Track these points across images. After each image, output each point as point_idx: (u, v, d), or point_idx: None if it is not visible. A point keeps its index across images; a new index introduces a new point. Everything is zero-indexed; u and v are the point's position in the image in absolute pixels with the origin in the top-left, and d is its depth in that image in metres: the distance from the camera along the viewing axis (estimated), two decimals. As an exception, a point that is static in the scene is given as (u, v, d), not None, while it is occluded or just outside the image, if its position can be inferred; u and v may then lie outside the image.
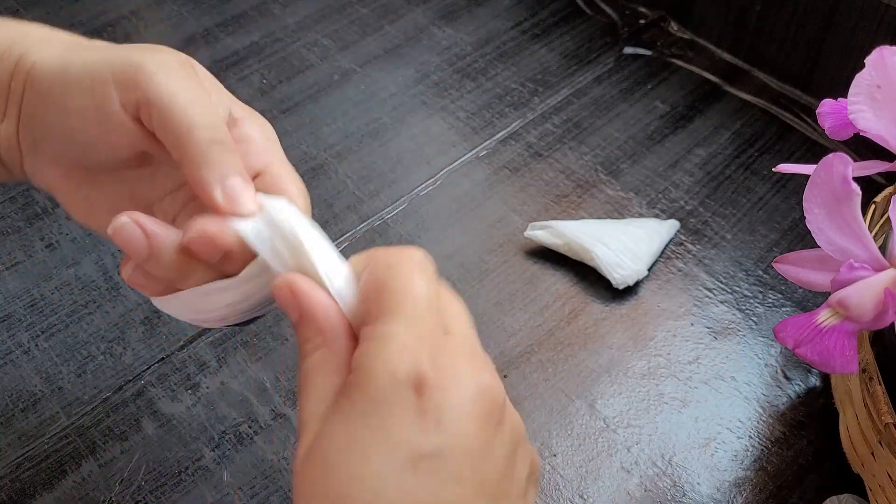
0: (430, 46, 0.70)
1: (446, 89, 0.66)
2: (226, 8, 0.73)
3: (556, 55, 0.69)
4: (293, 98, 0.66)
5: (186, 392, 0.49)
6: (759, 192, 0.59)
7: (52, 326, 0.52)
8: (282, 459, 0.46)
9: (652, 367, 0.50)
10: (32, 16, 0.72)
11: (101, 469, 0.46)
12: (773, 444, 0.47)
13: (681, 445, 0.47)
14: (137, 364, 0.50)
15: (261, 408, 0.48)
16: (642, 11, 0.72)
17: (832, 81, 0.62)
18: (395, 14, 0.73)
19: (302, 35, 0.71)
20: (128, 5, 0.73)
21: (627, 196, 0.59)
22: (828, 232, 0.37)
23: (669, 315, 0.52)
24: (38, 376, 0.50)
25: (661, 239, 0.55)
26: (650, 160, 0.61)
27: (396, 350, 0.27)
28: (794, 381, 0.49)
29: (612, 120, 0.64)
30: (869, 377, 0.39)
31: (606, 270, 0.53)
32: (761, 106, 0.65)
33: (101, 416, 0.48)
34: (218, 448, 0.47)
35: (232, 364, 0.50)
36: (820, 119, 0.42)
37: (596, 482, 0.45)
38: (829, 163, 0.36)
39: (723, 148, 0.62)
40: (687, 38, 0.70)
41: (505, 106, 0.65)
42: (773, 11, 0.63)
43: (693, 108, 0.65)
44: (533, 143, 0.62)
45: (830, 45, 0.61)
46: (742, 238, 0.56)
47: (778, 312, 0.52)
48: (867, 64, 0.39)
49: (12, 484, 0.45)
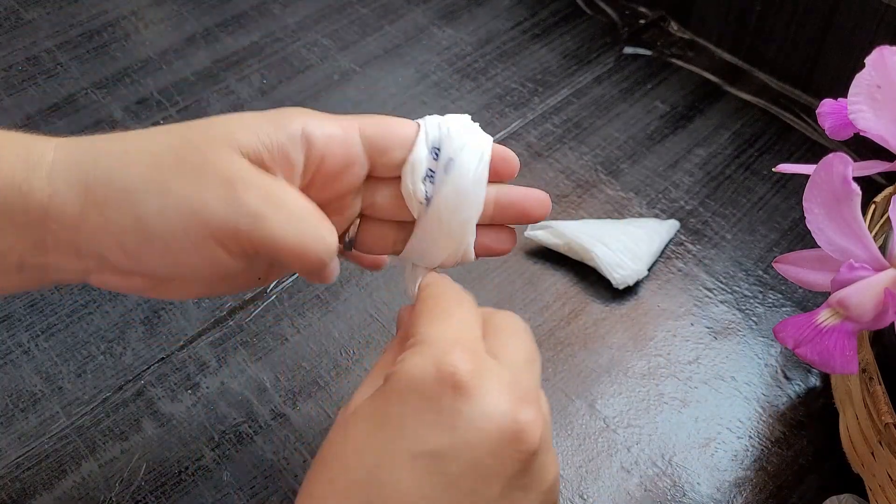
0: (430, 46, 0.70)
1: (446, 89, 0.66)
2: (226, 8, 0.73)
3: (556, 55, 0.69)
4: (293, 98, 0.66)
5: (186, 392, 0.49)
6: (759, 192, 0.59)
7: (52, 326, 0.52)
8: (282, 459, 0.46)
9: (652, 367, 0.50)
10: (32, 15, 0.72)
11: (101, 469, 0.46)
12: (773, 444, 0.47)
13: (681, 445, 0.47)
14: (137, 364, 0.50)
15: (261, 408, 0.48)
16: (642, 11, 0.72)
17: (832, 81, 0.62)
18: (395, 14, 0.73)
19: (302, 35, 0.71)
20: (128, 5, 0.73)
21: (627, 196, 0.59)
22: (828, 232, 0.37)
23: (669, 315, 0.52)
24: (38, 376, 0.50)
25: (661, 239, 0.55)
26: (650, 160, 0.61)
27: (436, 349, 0.28)
28: (794, 381, 0.49)
29: (612, 120, 0.64)
30: (869, 377, 0.39)
31: (606, 270, 0.53)
32: (761, 106, 0.65)
33: (101, 416, 0.48)
34: (218, 448, 0.47)
35: (232, 364, 0.50)
36: (820, 119, 0.42)
37: (596, 482, 0.45)
38: (829, 163, 0.36)
39: (723, 148, 0.62)
40: (687, 38, 0.70)
41: (505, 106, 0.65)
42: (773, 11, 0.63)
43: (693, 108, 0.65)
44: (533, 143, 0.62)
45: (830, 45, 0.61)
46: (742, 238, 0.56)
47: (778, 312, 0.52)
48: (867, 64, 0.38)
49: (12, 484, 0.45)
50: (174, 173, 0.29)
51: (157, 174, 0.30)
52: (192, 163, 0.29)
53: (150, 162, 0.30)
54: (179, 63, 0.68)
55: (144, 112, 0.65)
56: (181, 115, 0.64)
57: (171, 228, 0.29)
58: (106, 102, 0.65)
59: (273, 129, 0.31)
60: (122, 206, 0.30)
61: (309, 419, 0.48)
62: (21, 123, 0.64)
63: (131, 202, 0.29)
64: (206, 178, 0.29)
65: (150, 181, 0.29)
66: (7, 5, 0.73)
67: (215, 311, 0.52)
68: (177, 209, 0.29)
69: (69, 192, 0.30)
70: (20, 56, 0.69)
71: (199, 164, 0.29)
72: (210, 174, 0.29)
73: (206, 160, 0.29)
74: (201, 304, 0.53)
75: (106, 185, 0.30)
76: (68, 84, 0.67)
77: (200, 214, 0.29)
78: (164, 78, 0.67)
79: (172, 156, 0.30)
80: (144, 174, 0.30)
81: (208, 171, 0.29)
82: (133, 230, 0.30)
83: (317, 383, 0.49)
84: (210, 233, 0.29)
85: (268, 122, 0.32)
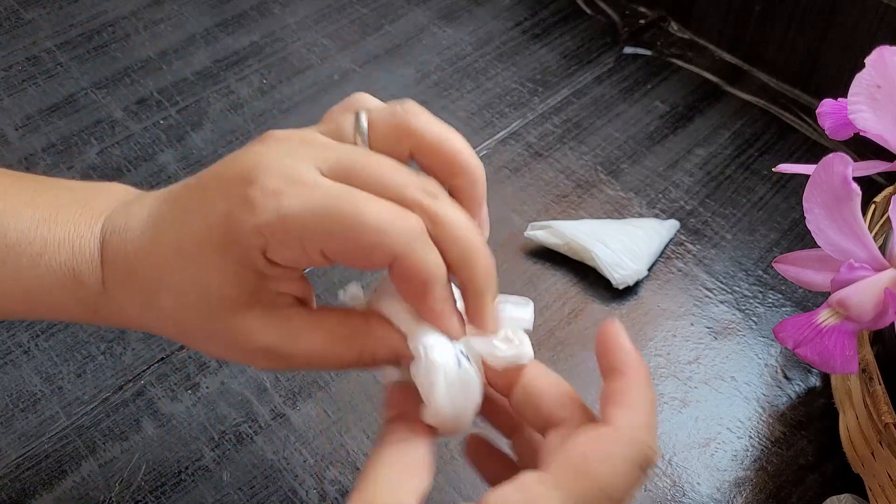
0: (430, 46, 0.70)
1: (446, 89, 0.66)
2: (226, 8, 0.73)
3: (556, 55, 0.69)
4: (293, 98, 0.66)
5: (186, 392, 0.49)
6: (759, 192, 0.59)
7: (52, 326, 0.52)
8: (282, 459, 0.46)
9: (652, 367, 0.50)
10: (32, 15, 0.72)
11: (101, 469, 0.46)
12: (773, 444, 0.47)
13: (681, 445, 0.47)
14: (137, 364, 0.50)
15: (261, 408, 0.48)
16: (642, 11, 0.72)
17: (832, 81, 0.62)
18: (395, 14, 0.73)
19: (302, 35, 0.71)
20: (128, 5, 0.73)
21: (627, 196, 0.59)
22: (828, 232, 0.37)
23: (669, 315, 0.52)
24: (38, 376, 0.50)
25: (661, 239, 0.55)
26: (650, 160, 0.61)
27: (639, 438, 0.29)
28: (794, 381, 0.49)
29: (612, 120, 0.64)
30: (869, 377, 0.39)
31: (606, 270, 0.53)
32: (761, 106, 0.65)
33: (101, 416, 0.48)
34: (218, 448, 0.47)
35: (232, 364, 0.50)
36: (820, 119, 0.42)
37: (596, 482, 0.45)
38: (829, 163, 0.36)
39: (723, 148, 0.62)
40: (687, 38, 0.70)
41: (505, 106, 0.65)
42: (773, 11, 0.63)
43: (693, 108, 0.65)
44: (533, 143, 0.62)
45: (830, 45, 0.61)
46: (742, 238, 0.56)
47: (778, 312, 0.52)
48: (867, 64, 0.38)
49: (12, 484, 0.45)
50: (198, 336, 0.32)
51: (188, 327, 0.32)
52: (205, 330, 0.31)
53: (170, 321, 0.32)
54: (179, 63, 0.68)
55: (144, 112, 0.65)
56: (181, 115, 0.64)
57: (208, 349, 0.33)
58: (106, 102, 0.65)
59: (238, 254, 0.30)
60: (161, 326, 0.33)
61: (309, 419, 0.48)
62: (21, 123, 0.64)
63: (168, 324, 0.32)
64: (223, 345, 0.32)
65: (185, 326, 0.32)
66: (7, 5, 0.73)
67: (215, 311, 0.52)
68: (224, 347, 0.32)
69: (120, 293, 0.33)
70: (20, 56, 0.69)
71: (211, 332, 0.31)
72: (225, 343, 0.32)
73: (213, 331, 0.31)
74: (201, 304, 0.53)
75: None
76: (68, 84, 0.67)
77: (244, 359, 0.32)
78: (164, 78, 0.67)
79: (188, 322, 0.32)
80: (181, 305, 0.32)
81: (221, 340, 0.31)
82: (173, 335, 0.33)
83: (317, 383, 0.49)
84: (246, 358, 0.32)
85: (230, 249, 0.31)
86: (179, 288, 0.30)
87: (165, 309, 0.31)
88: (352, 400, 0.49)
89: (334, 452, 0.46)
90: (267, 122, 0.64)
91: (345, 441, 0.47)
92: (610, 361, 0.31)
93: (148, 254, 0.31)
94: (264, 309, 0.31)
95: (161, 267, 0.31)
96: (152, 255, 0.31)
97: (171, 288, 0.31)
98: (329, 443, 0.47)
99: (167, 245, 0.30)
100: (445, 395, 0.30)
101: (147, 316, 0.32)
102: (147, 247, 0.31)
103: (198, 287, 0.30)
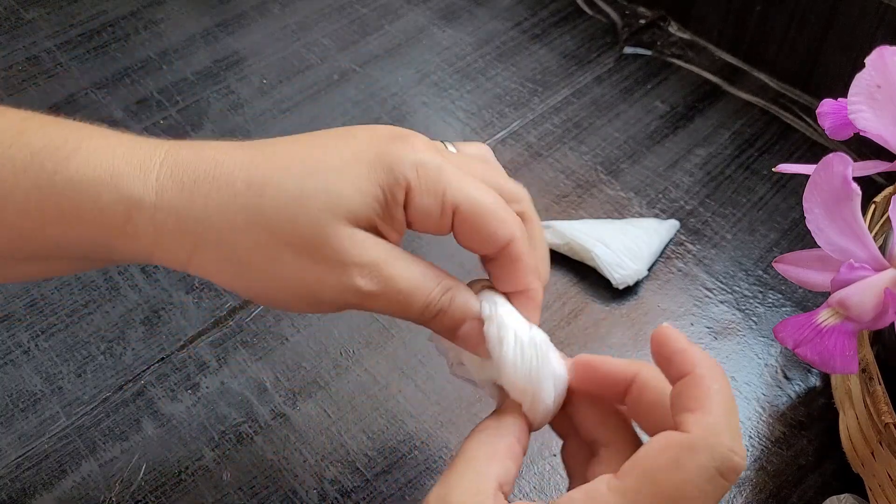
0: (430, 46, 0.70)
1: (446, 89, 0.66)
2: (226, 8, 0.73)
3: (555, 55, 0.69)
4: (293, 98, 0.66)
5: (186, 392, 0.49)
6: (759, 192, 0.59)
7: (51, 326, 0.52)
8: (282, 459, 0.46)
9: (652, 367, 0.50)
10: (32, 15, 0.72)
11: (101, 469, 0.46)
12: (773, 444, 0.47)
13: (681, 445, 0.47)
14: (137, 364, 0.50)
15: (261, 408, 0.48)
16: (642, 11, 0.72)
17: (832, 81, 0.62)
18: (395, 14, 0.73)
19: (302, 35, 0.71)
20: (128, 5, 0.73)
21: (627, 196, 0.59)
22: (828, 232, 0.37)
23: (669, 315, 0.52)
24: (38, 376, 0.50)
25: (661, 239, 0.55)
26: (650, 160, 0.61)
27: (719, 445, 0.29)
28: (794, 381, 0.49)
29: (612, 120, 0.64)
30: (869, 377, 0.39)
31: (606, 270, 0.53)
32: (761, 106, 0.65)
33: (101, 416, 0.48)
34: (218, 448, 0.47)
35: (232, 364, 0.50)
36: (820, 119, 0.42)
37: (596, 482, 0.45)
38: (829, 163, 0.36)
39: (723, 148, 0.62)
40: (687, 38, 0.70)
41: (505, 106, 0.65)
42: (773, 11, 0.63)
43: (693, 108, 0.65)
44: (533, 143, 0.62)
45: (830, 45, 0.61)
46: (742, 238, 0.56)
47: (778, 312, 0.52)
48: (867, 64, 0.38)
49: (12, 484, 0.45)
50: (286, 248, 0.31)
51: (269, 247, 0.31)
52: (305, 238, 0.30)
53: (262, 230, 0.31)
54: (179, 63, 0.68)
55: (144, 112, 0.65)
56: (181, 115, 0.64)
57: (279, 293, 0.32)
58: (106, 102, 0.65)
59: (385, 177, 0.31)
60: (232, 270, 0.31)
61: (309, 419, 0.48)
62: (21, 123, 0.64)
63: (241, 269, 0.31)
64: (319, 258, 0.30)
65: (262, 249, 0.31)
66: (7, 5, 0.73)
67: (215, 310, 0.52)
68: (288, 282, 0.31)
69: (174, 244, 0.31)
70: (20, 56, 0.69)
71: (311, 241, 0.30)
72: (323, 255, 0.30)
73: (318, 237, 0.30)
74: (201, 304, 0.53)
75: (216, 249, 0.31)
76: (68, 84, 0.67)
77: (312, 289, 0.31)
78: (164, 78, 0.67)
79: (285, 228, 0.30)
80: (255, 244, 0.31)
81: (322, 251, 0.30)
82: (241, 287, 0.32)
83: (317, 383, 0.49)
84: (320, 301, 0.32)
85: (379, 169, 0.31)
86: (300, 193, 0.30)
87: (266, 210, 0.30)
88: (352, 400, 0.49)
89: (334, 452, 0.46)
90: (267, 122, 0.64)
91: (345, 441, 0.47)
92: (676, 366, 0.30)
93: (254, 163, 0.31)
94: (375, 233, 0.31)
95: (275, 171, 0.30)
96: (260, 165, 0.31)
97: (288, 190, 0.30)
98: (329, 443, 0.47)
99: (291, 157, 0.31)
100: (515, 350, 0.31)
101: (224, 218, 0.31)
102: (256, 158, 0.31)
103: (326, 193, 0.30)
